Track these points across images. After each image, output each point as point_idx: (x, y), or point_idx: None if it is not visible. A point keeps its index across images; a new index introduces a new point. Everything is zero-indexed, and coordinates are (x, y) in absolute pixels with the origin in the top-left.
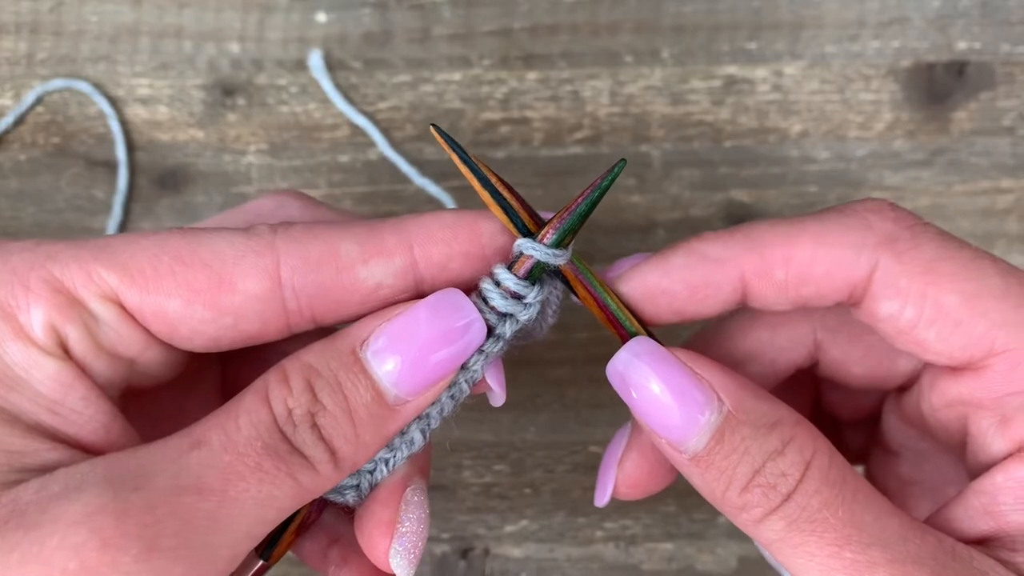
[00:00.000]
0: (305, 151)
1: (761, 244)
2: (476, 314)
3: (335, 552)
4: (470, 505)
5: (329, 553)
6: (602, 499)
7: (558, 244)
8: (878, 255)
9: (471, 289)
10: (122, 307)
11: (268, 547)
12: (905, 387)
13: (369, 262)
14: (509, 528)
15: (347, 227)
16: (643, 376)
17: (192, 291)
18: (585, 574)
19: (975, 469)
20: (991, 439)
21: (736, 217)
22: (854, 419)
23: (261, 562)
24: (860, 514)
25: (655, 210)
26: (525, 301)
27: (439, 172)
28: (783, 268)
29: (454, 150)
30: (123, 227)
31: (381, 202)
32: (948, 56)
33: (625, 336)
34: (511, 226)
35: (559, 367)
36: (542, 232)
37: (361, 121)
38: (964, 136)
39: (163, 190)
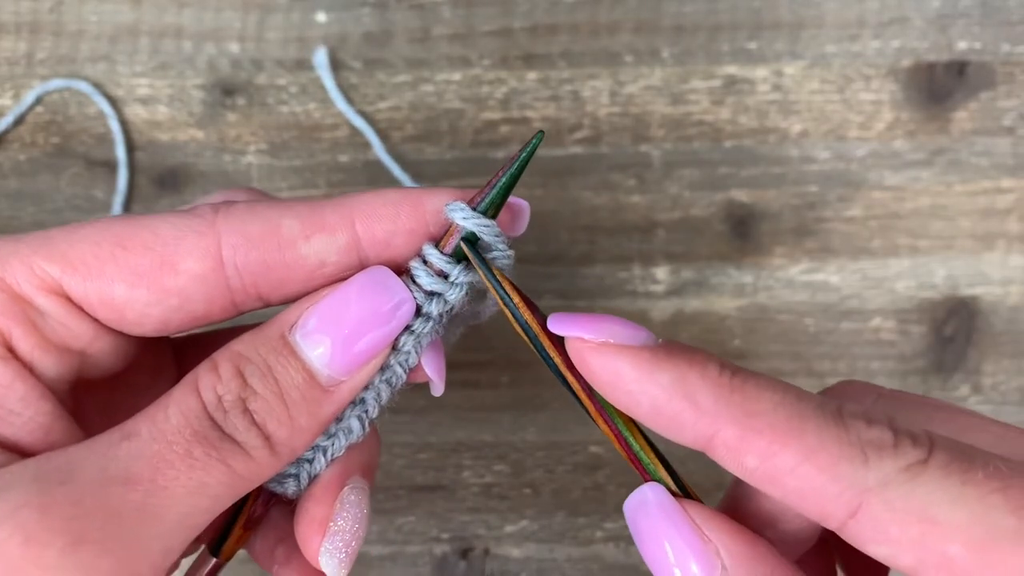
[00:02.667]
0: (305, 151)
1: (750, 423)
2: (405, 292)
3: (280, 551)
4: (470, 505)
5: (276, 552)
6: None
7: (483, 215)
8: (862, 499)
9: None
10: (67, 298)
11: (218, 545)
12: None
13: (311, 239)
14: (509, 528)
15: (289, 205)
16: (647, 528)
17: (135, 275)
18: (585, 574)
19: None
20: None
21: (736, 217)
22: None
23: (214, 560)
24: None
25: (655, 210)
26: (451, 279)
27: (440, 172)
28: (757, 459)
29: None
30: None
31: None
32: (948, 56)
33: (645, 476)
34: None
35: None
36: (467, 203)
37: (359, 122)
38: (964, 136)
39: (163, 190)
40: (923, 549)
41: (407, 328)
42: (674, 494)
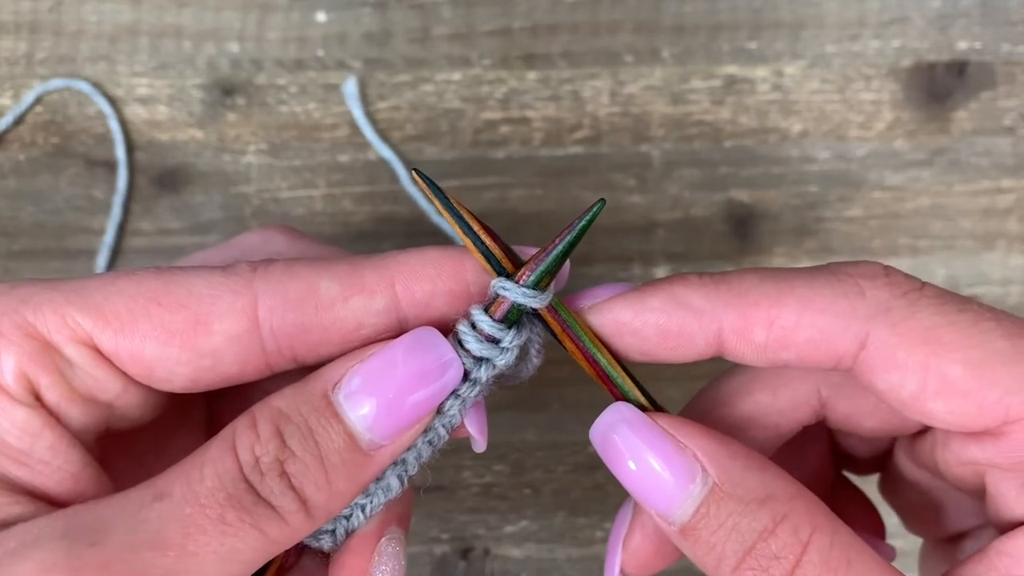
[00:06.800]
0: (305, 151)
1: (744, 301)
2: (453, 354)
3: None
4: (470, 505)
5: None
6: None
7: (535, 286)
8: (869, 327)
9: (450, 330)
10: (97, 351)
11: None
12: (921, 432)
13: (349, 300)
14: (509, 528)
15: (328, 265)
16: (621, 448)
17: (168, 333)
18: (585, 574)
19: (996, 523)
20: (1013, 501)
21: (736, 217)
22: (872, 456)
23: None
24: None
25: (655, 210)
26: (502, 345)
27: (440, 172)
28: (764, 330)
29: (436, 195)
30: (122, 227)
31: (380, 202)
32: (949, 56)
33: (616, 394)
34: (489, 269)
35: (559, 367)
36: (518, 274)
37: (387, 153)
38: (964, 136)
39: (163, 190)
40: (926, 371)
41: (453, 392)
42: (644, 409)
